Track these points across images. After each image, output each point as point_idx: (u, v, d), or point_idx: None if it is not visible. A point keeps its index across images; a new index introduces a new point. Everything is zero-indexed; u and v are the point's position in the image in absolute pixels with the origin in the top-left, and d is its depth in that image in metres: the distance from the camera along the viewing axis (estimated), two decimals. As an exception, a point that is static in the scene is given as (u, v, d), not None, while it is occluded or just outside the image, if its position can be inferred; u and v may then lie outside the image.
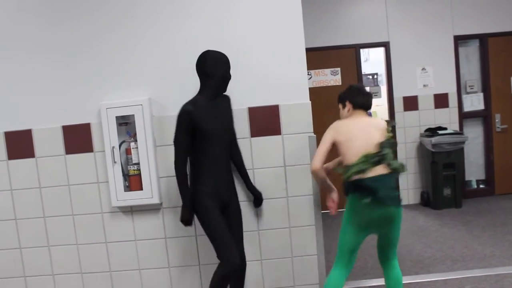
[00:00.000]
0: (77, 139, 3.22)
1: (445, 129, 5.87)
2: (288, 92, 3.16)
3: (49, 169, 3.25)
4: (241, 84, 3.15)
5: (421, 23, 6.00)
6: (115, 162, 3.15)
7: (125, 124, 3.19)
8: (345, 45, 6.03)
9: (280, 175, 3.19)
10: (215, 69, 2.74)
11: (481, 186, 6.39)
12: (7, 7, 3.18)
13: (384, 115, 6.48)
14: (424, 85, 6.08)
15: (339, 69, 6.03)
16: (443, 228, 5.03)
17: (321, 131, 2.88)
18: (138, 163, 3.15)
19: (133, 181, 3.17)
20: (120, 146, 3.17)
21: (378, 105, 7.24)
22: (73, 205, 3.26)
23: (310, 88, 3.32)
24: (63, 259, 3.31)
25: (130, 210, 3.25)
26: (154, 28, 3.16)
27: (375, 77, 7.39)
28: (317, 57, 5.85)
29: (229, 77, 2.83)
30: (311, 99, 3.20)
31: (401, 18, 6.01)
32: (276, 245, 3.24)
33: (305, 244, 3.23)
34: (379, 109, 7.30)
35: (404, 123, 6.10)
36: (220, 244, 2.71)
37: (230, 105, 2.97)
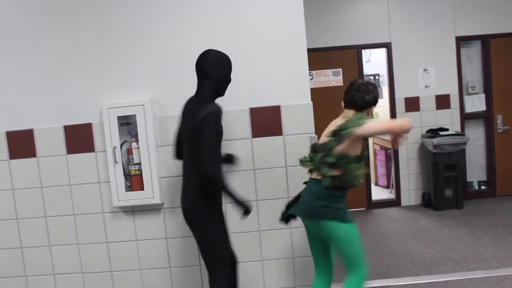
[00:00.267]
0: (79, 139, 3.22)
1: (446, 130, 5.87)
2: (289, 92, 3.16)
3: (51, 169, 3.25)
4: (242, 85, 3.15)
5: (423, 24, 6.00)
6: (116, 162, 3.16)
7: (127, 124, 3.20)
8: (347, 45, 6.02)
9: (281, 175, 3.19)
10: (215, 70, 2.60)
11: (482, 188, 6.37)
12: (9, 7, 3.19)
13: (385, 116, 6.48)
14: (426, 86, 6.07)
15: (340, 69, 6.02)
16: (444, 229, 5.02)
17: (322, 132, 2.87)
18: (139, 163, 3.15)
19: (134, 181, 3.17)
20: (121, 146, 3.17)
21: (380, 106, 7.21)
22: (74, 205, 3.27)
23: (312, 89, 3.32)
24: (64, 258, 3.31)
25: (131, 210, 3.25)
26: (156, 28, 3.17)
27: (377, 78, 7.38)
28: (318, 57, 5.84)
29: (228, 80, 2.67)
30: (312, 100, 3.19)
31: (403, 19, 6.01)
32: (277, 246, 3.25)
33: (306, 245, 3.20)
34: (380, 110, 7.28)
35: (405, 124, 6.08)
36: (221, 261, 2.58)
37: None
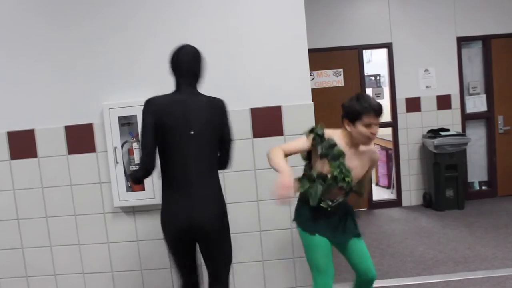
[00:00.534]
0: (80, 139, 3.22)
1: (447, 130, 5.86)
2: (290, 93, 3.16)
3: (52, 169, 3.25)
4: (243, 85, 3.16)
5: (424, 24, 5.99)
6: (117, 163, 3.16)
7: (128, 124, 3.19)
8: (347, 46, 6.02)
9: (282, 176, 3.19)
10: (203, 69, 2.61)
11: (483, 188, 6.37)
12: (10, 9, 3.19)
13: (386, 116, 6.46)
14: (427, 87, 6.07)
15: (341, 70, 6.02)
16: (445, 230, 5.02)
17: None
18: (140, 164, 3.15)
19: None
20: (122, 146, 3.17)
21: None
22: (75, 205, 3.27)
23: (313, 89, 3.32)
24: (65, 259, 3.31)
25: (132, 211, 3.25)
26: (157, 29, 3.17)
27: (378, 78, 7.37)
28: (319, 58, 5.84)
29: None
30: (313, 100, 3.19)
31: (404, 20, 6.00)
32: (278, 246, 3.24)
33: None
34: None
35: (406, 124, 6.09)
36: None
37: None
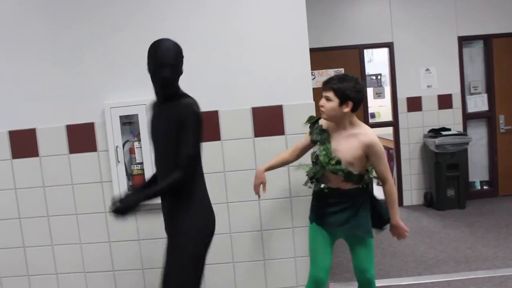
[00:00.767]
0: (81, 138, 3.23)
1: (448, 130, 5.86)
2: (292, 92, 3.16)
3: (53, 168, 3.26)
4: (245, 84, 3.16)
5: (425, 24, 5.98)
6: (118, 162, 3.16)
7: (129, 123, 3.20)
8: (349, 45, 6.01)
9: (283, 175, 3.19)
10: (148, 65, 2.30)
11: (484, 187, 6.35)
12: (11, 9, 3.19)
13: (387, 116, 6.47)
14: (428, 86, 6.06)
15: (342, 69, 5.99)
16: (446, 229, 5.02)
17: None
18: (141, 163, 3.15)
19: (136, 180, 3.17)
20: (123, 145, 3.18)
21: (382, 105, 7.22)
22: (76, 204, 3.27)
23: (314, 89, 3.31)
24: (66, 258, 3.31)
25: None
26: (158, 28, 3.16)
27: (379, 77, 7.38)
28: (321, 57, 5.83)
29: (159, 74, 2.22)
30: (314, 100, 3.19)
31: (405, 19, 5.99)
32: (279, 245, 3.24)
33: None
34: (382, 109, 7.28)
35: (407, 124, 6.08)
36: None
37: (175, 120, 2.25)
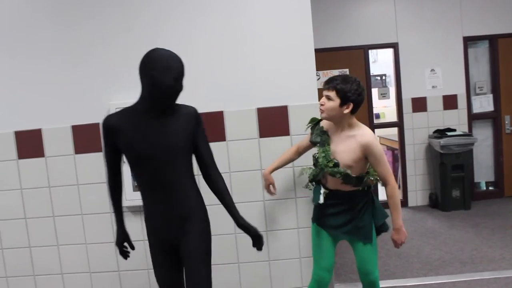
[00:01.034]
0: (87, 138, 3.24)
1: (454, 130, 5.84)
2: (297, 93, 3.16)
3: (59, 168, 3.27)
4: (250, 85, 3.16)
5: (430, 24, 5.96)
6: (124, 162, 3.16)
7: (134, 124, 3.20)
8: (353, 46, 6.00)
9: (288, 176, 3.19)
10: (153, 76, 2.05)
11: (490, 188, 6.33)
12: (18, 10, 3.21)
13: (392, 116, 6.46)
14: (433, 86, 6.04)
15: (347, 70, 5.99)
16: (451, 230, 5.00)
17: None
18: (147, 163, 3.15)
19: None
20: (129, 146, 3.17)
21: (387, 106, 7.21)
22: (82, 204, 3.28)
23: (319, 89, 3.31)
24: (72, 258, 3.33)
25: (139, 210, 3.25)
26: (163, 29, 3.17)
27: (384, 78, 7.37)
28: (325, 58, 5.83)
29: (170, 88, 2.07)
30: (319, 100, 3.18)
31: (410, 19, 5.98)
32: (284, 246, 3.24)
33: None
34: (387, 110, 7.27)
35: (412, 125, 6.06)
36: None
37: (188, 120, 2.25)
